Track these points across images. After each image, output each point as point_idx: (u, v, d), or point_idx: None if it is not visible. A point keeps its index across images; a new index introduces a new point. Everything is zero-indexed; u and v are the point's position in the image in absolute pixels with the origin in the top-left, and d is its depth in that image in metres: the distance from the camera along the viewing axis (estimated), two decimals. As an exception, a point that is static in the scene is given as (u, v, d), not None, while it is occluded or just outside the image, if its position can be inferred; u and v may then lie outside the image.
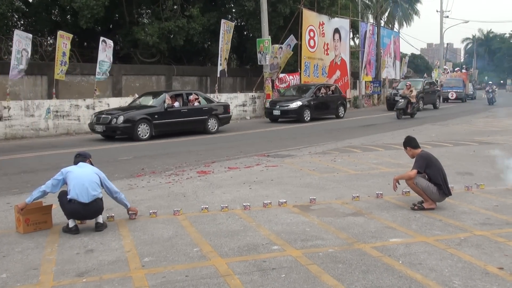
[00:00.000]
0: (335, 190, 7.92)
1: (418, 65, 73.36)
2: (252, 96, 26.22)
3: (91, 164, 6.28)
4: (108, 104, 19.21)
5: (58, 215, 6.23)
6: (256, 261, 4.79)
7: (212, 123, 17.70)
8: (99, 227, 5.88)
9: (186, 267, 4.67)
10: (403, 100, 23.53)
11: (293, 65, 28.99)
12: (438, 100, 32.95)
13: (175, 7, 26.75)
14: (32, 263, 4.87)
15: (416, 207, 6.61)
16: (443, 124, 20.25)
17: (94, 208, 5.86)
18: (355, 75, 36.62)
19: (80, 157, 6.26)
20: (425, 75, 56.10)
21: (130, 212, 6.36)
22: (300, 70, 28.62)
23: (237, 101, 25.25)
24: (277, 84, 26.68)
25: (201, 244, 5.31)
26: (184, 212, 6.63)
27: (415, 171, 6.55)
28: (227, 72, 25.06)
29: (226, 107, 18.82)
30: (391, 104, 29.17)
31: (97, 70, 19.76)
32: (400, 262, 4.72)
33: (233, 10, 31.69)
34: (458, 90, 40.83)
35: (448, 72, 46.02)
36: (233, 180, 8.83)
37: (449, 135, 15.77)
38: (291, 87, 25.96)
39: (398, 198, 7.29)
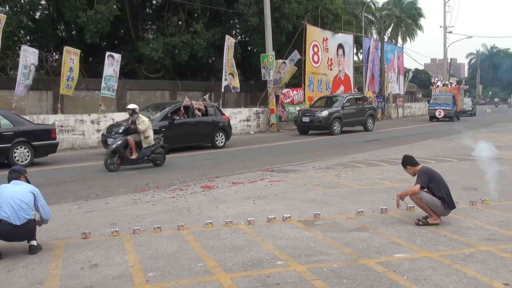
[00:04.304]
0: (339, 205, 7.91)
1: (422, 80, 73.40)
2: (256, 111, 26.29)
3: (27, 180, 5.94)
4: (113, 119, 19.31)
5: (55, 231, 6.23)
6: (260, 276, 4.78)
7: (21, 154, 13.23)
8: (33, 250, 5.58)
9: (190, 282, 4.66)
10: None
11: (297, 78, 29.10)
12: (370, 120, 25.72)
13: (179, 23, 27.02)
14: (37, 277, 4.87)
15: (420, 222, 6.59)
16: (448, 139, 20.24)
17: (26, 230, 5.55)
18: (359, 90, 36.68)
19: (15, 173, 5.84)
20: (421, 95, 54.87)
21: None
22: (304, 85, 28.73)
23: (241, 116, 25.32)
24: (282, 99, 26.75)
25: (205, 259, 5.31)
26: (188, 227, 6.63)
27: (418, 186, 6.55)
28: (238, 86, 25.08)
29: (47, 132, 14.08)
30: (300, 127, 23.95)
31: (103, 85, 19.91)
32: (405, 277, 4.70)
33: (237, 26, 32.01)
34: (446, 108, 35.17)
35: (437, 86, 40.49)
36: (237, 195, 8.83)
37: (454, 150, 15.74)
38: (149, 106, 19.06)
39: (403, 213, 7.27)
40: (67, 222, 7.01)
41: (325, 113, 22.84)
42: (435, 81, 42.79)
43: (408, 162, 6.98)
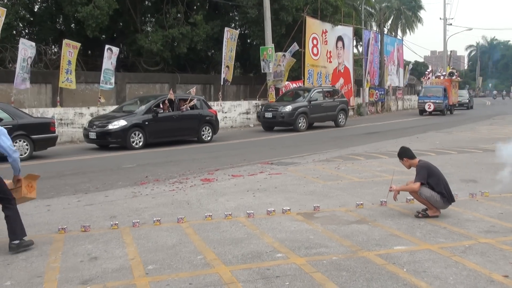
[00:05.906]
0: (339, 198, 7.91)
1: (421, 72, 73.31)
2: (256, 104, 26.25)
3: None
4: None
5: (52, 224, 6.22)
6: (260, 268, 4.78)
7: (20, 147, 13.05)
8: (14, 249, 5.37)
9: (190, 274, 4.66)
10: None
11: (297, 70, 29.03)
12: (341, 115, 23.98)
13: (178, 15, 26.90)
14: (36, 270, 4.87)
15: (420, 215, 6.59)
16: (447, 131, 20.23)
17: None
18: (359, 83, 36.65)
19: None
20: (421, 87, 53.48)
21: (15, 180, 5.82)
22: (304, 77, 28.66)
23: (240, 109, 25.32)
24: (283, 92, 26.70)
25: (205, 252, 5.31)
26: (188, 219, 6.63)
27: (418, 184, 6.48)
28: (230, 80, 25.12)
29: (46, 125, 13.98)
30: (263, 122, 22.48)
31: (102, 78, 19.85)
32: (405, 270, 4.70)
33: (236, 18, 31.89)
34: (437, 101, 33.46)
35: (428, 78, 38.52)
36: (236, 188, 8.83)
37: (453, 142, 15.75)
38: (137, 98, 18.92)
39: (402, 205, 7.27)
40: (66, 215, 7.02)
41: (288, 108, 21.17)
42: (427, 72, 41.06)
43: (405, 154, 6.89)
